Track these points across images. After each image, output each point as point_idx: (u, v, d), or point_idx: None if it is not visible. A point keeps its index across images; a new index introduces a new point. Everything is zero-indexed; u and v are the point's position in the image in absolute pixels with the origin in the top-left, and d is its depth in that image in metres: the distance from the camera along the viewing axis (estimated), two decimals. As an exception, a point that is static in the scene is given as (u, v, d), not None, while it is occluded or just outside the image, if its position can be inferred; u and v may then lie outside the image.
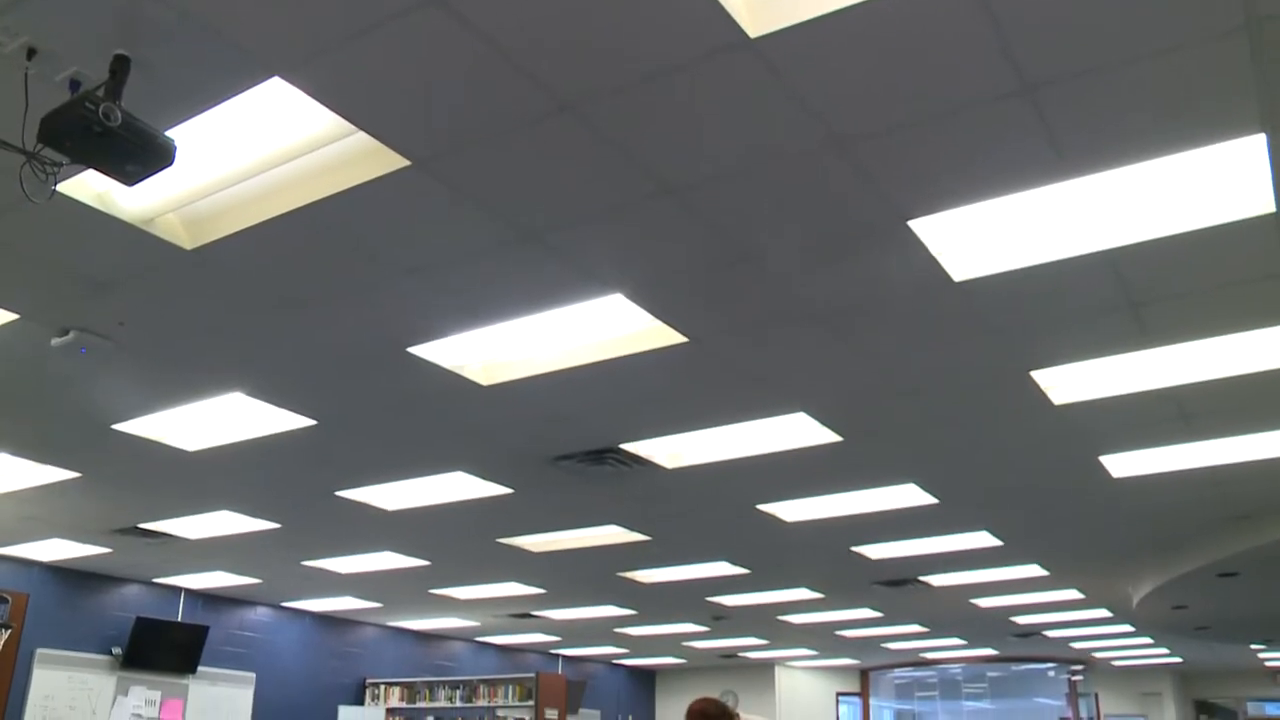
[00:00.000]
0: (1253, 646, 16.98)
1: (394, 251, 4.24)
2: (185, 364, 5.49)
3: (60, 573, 11.26)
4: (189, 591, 12.55)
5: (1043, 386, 5.60)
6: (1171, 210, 3.94)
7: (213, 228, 4.16)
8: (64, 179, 3.60)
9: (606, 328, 4.99)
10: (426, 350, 5.17)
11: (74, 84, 3.11)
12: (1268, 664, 19.82)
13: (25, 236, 4.20)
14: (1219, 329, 4.90)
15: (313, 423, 6.30)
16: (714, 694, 5.66)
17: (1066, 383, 5.64)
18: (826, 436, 6.35)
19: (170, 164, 3.10)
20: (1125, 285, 4.42)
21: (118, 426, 6.51)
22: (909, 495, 7.73)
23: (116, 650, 11.61)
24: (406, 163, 3.63)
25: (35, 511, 8.86)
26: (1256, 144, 3.49)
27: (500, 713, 13.40)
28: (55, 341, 5.09)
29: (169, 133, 3.12)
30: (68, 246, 4.27)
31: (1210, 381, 5.47)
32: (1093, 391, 5.70)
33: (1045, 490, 7.77)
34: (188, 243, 4.23)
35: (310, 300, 4.71)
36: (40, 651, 10.89)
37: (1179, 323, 4.81)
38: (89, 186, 3.90)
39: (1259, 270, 4.33)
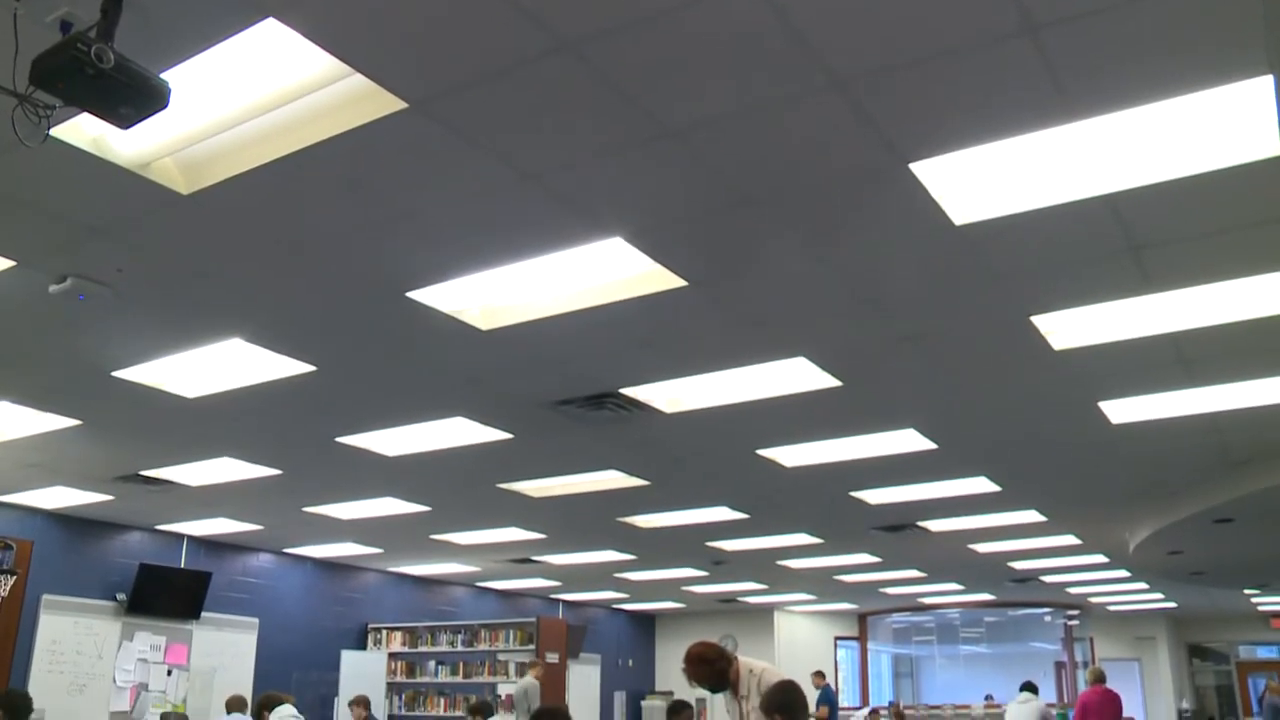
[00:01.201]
0: (1246, 591, 17.12)
1: (391, 195, 4.21)
2: (183, 310, 5.48)
3: (63, 520, 11.32)
4: (191, 538, 12.63)
5: (1043, 331, 5.59)
6: (1174, 154, 3.91)
7: (209, 172, 4.13)
8: (58, 123, 3.57)
9: (606, 271, 4.97)
10: (425, 295, 5.15)
11: (65, 25, 3.06)
12: (1260, 609, 19.99)
13: (19, 181, 4.17)
14: (1221, 274, 4.89)
15: (312, 369, 6.30)
16: (713, 638, 5.70)
17: (1067, 328, 5.63)
18: (826, 381, 6.35)
19: (164, 107, 3.06)
20: (1127, 229, 4.40)
21: (117, 374, 6.51)
22: (908, 440, 7.75)
23: (121, 596, 11.72)
24: (403, 104, 3.59)
25: (37, 459, 8.89)
26: (1263, 86, 3.45)
27: (501, 657, 13.55)
28: (53, 288, 5.07)
29: (163, 75, 3.08)
30: (63, 192, 4.24)
31: (1211, 327, 5.47)
32: (1093, 337, 5.69)
33: (1044, 436, 7.80)
34: (184, 187, 4.20)
35: (308, 245, 4.69)
36: (46, 598, 10.99)
37: (1180, 267, 4.80)
38: (83, 131, 3.86)
39: (1262, 214, 4.31)
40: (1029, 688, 11.92)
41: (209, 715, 11.78)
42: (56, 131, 3.67)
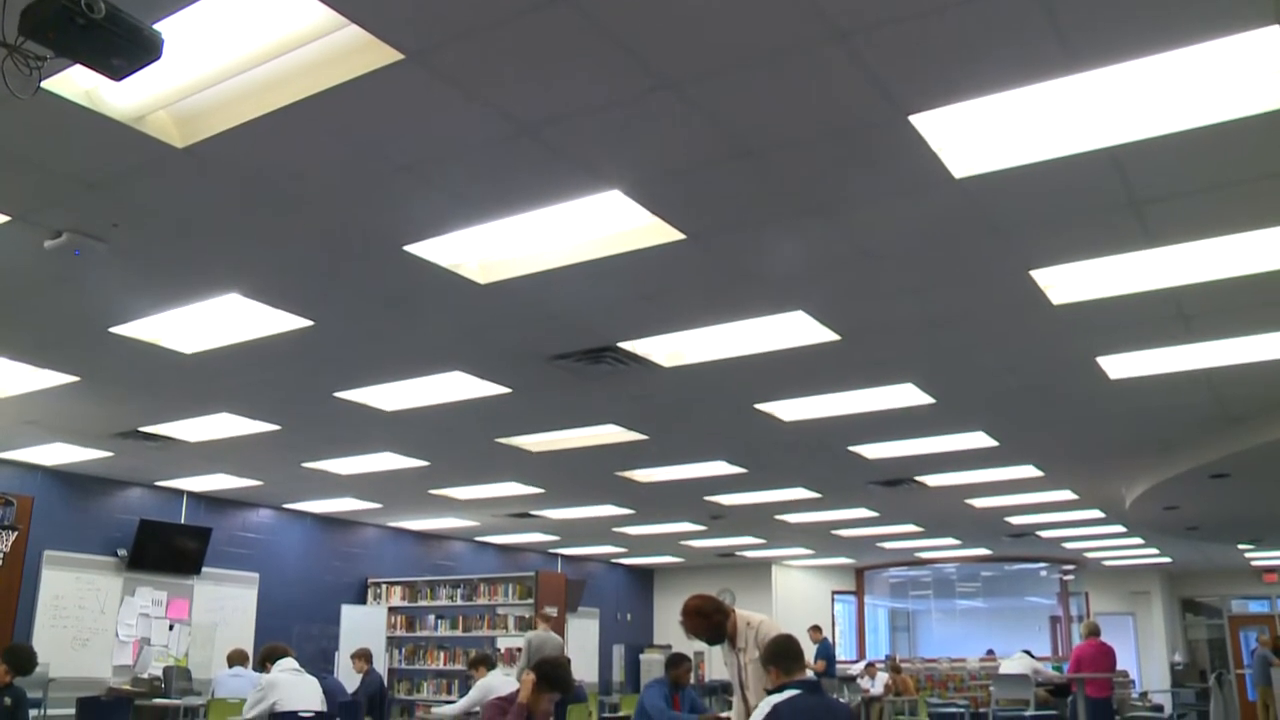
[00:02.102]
0: (1240, 546, 17.22)
1: (388, 147, 4.19)
2: (180, 265, 5.46)
3: (63, 476, 11.35)
4: (191, 494, 12.68)
5: (1042, 286, 5.58)
6: (1177, 106, 3.87)
7: (204, 125, 4.10)
8: (50, 75, 3.52)
9: (604, 224, 4.95)
10: (423, 248, 5.13)
11: (56, -27, 3.02)
12: (1253, 564, 20.13)
13: (12, 135, 4.13)
14: (1222, 229, 4.87)
15: (309, 323, 6.29)
16: (711, 592, 5.73)
17: (1066, 282, 5.62)
18: (825, 335, 6.34)
19: (157, 58, 3.03)
20: (1128, 183, 4.37)
21: (115, 329, 6.50)
22: (906, 395, 7.76)
23: (122, 552, 11.78)
24: (399, 56, 3.56)
25: (36, 415, 8.90)
26: (1270, 36, 3.41)
27: (500, 611, 13.63)
28: (48, 244, 5.04)
29: (156, 26, 3.04)
30: (56, 145, 4.21)
31: (1211, 282, 5.45)
32: (1092, 291, 5.68)
33: (1042, 391, 7.80)
34: (179, 141, 4.16)
35: (304, 199, 4.66)
36: (48, 553, 11.06)
37: (1182, 222, 4.78)
38: (76, 84, 3.82)
39: (1266, 168, 4.28)
40: (1025, 652, 12.05)
41: (211, 669, 11.86)
42: (48, 84, 3.63)
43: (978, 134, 4.18)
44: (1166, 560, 20.00)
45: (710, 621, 5.38)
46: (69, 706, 9.48)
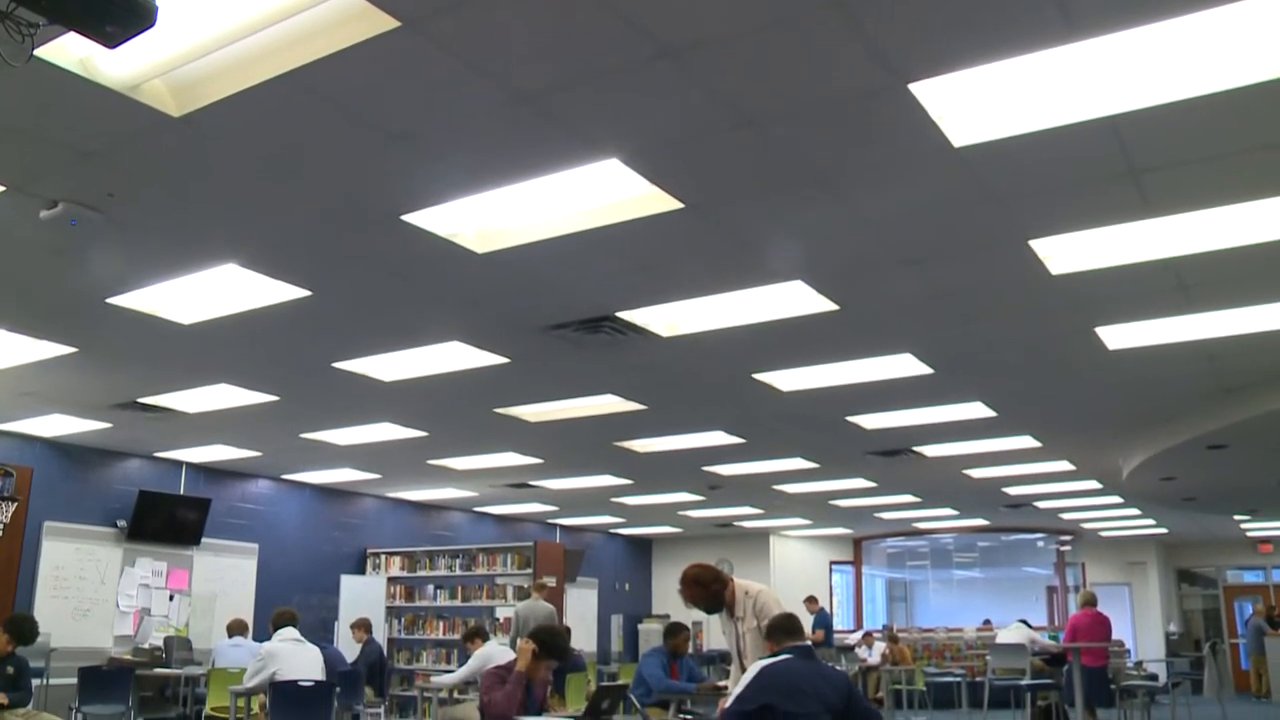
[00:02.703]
0: (1236, 517, 17.28)
1: (385, 116, 4.16)
2: (177, 235, 5.44)
3: (62, 448, 11.37)
4: (190, 465, 12.71)
5: (1041, 256, 5.57)
6: (1178, 75, 3.85)
7: (200, 94, 4.07)
8: (43, 42, 3.51)
9: (602, 194, 4.93)
10: (420, 218, 5.12)
11: (48, -62, 3.00)
12: (1249, 534, 20.22)
13: (4, 104, 4.10)
14: (1222, 199, 4.86)
15: (307, 293, 6.28)
16: (710, 562, 5.75)
17: (1065, 252, 5.61)
18: (823, 305, 6.34)
19: (151, 25, 2.99)
20: (1128, 153, 4.36)
21: (112, 300, 6.49)
22: (904, 365, 7.76)
23: (121, 523, 11.82)
24: (396, 23, 3.53)
25: (34, 387, 8.90)
26: (1270, 4, 3.39)
27: (499, 580, 13.68)
28: (44, 214, 5.03)
29: (150, -9, 3.02)
30: (50, 114, 4.19)
31: (1210, 252, 5.44)
32: (1091, 262, 5.67)
33: (1040, 361, 7.81)
34: (175, 110, 4.14)
35: (301, 168, 4.64)
36: (48, 524, 11.09)
37: (1181, 192, 4.77)
38: (69, 51, 3.79)
39: (1267, 138, 4.26)
40: (1022, 621, 12.12)
41: (211, 639, 11.93)
42: (41, 52, 3.61)
43: (977, 103, 4.16)
44: (1163, 531, 20.08)
45: (709, 590, 5.41)
46: (71, 676, 9.55)
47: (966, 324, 6.88)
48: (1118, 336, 7.04)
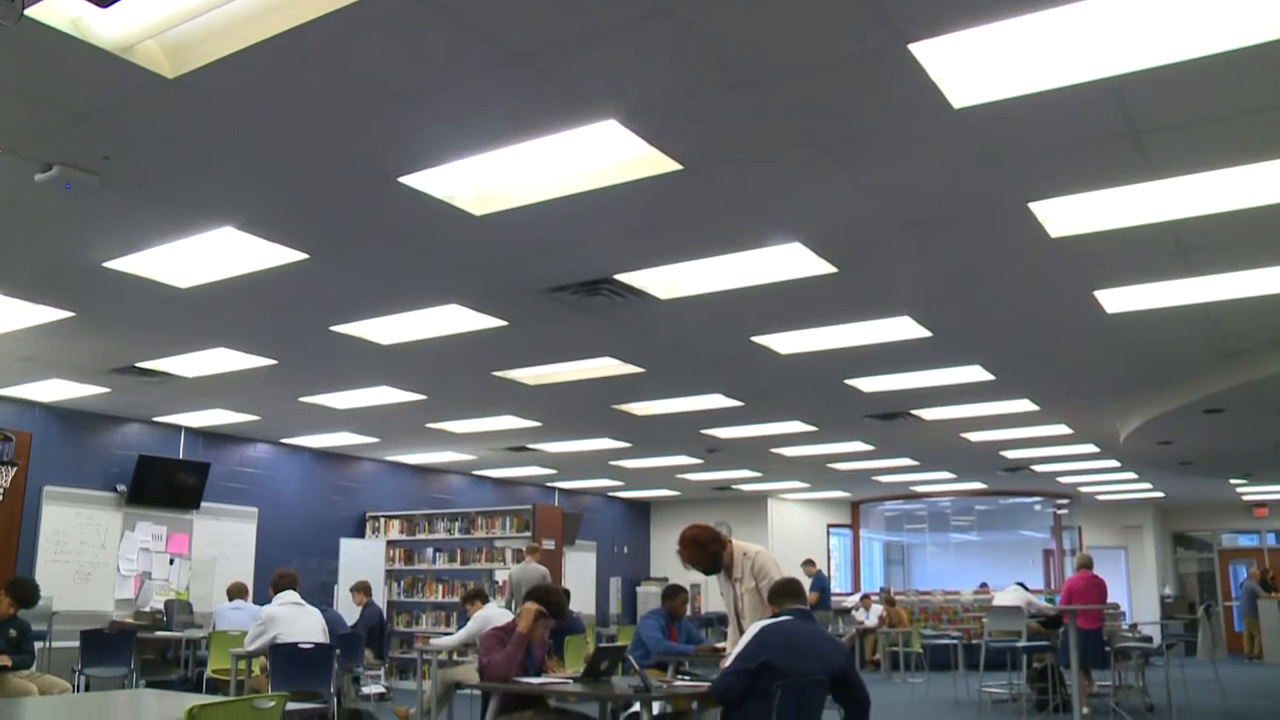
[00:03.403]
0: (1232, 481, 17.35)
1: (381, 77, 4.13)
2: (173, 198, 5.41)
3: (61, 413, 11.38)
4: (189, 429, 12.73)
5: (1040, 218, 5.55)
6: (1180, 35, 3.82)
7: (194, 55, 4.03)
8: (34, 2, 3.48)
9: (600, 156, 4.91)
10: (418, 180, 5.09)
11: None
12: (1245, 498, 20.31)
13: (-1, 64, 4.07)
14: (1223, 161, 4.83)
15: (304, 256, 6.26)
16: (708, 524, 5.76)
17: (1064, 215, 5.59)
18: (822, 267, 6.32)
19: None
20: (1129, 114, 4.33)
21: (109, 264, 6.47)
22: (903, 328, 7.75)
23: (121, 487, 11.85)
24: (391, -18, 3.50)
25: (32, 352, 8.89)
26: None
27: (498, 543, 13.74)
28: (39, 177, 5.00)
29: (143, -52, 2.99)
30: (42, 76, 4.15)
31: (1211, 215, 5.42)
32: (1091, 224, 5.66)
33: (1039, 325, 7.81)
34: (169, 71, 4.10)
35: (297, 129, 4.61)
36: (48, 489, 11.13)
37: (1183, 154, 4.74)
38: (61, 11, 3.75)
39: (1268, 99, 4.23)
40: (1019, 584, 12.17)
41: (211, 602, 11.99)
42: (32, 12, 3.58)
43: (978, 64, 4.13)
44: (1159, 495, 20.16)
45: (707, 551, 5.43)
46: (73, 639, 9.59)
47: (965, 287, 6.87)
48: (1117, 300, 7.03)
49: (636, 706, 4.92)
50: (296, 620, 7.85)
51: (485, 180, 5.26)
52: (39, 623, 9.05)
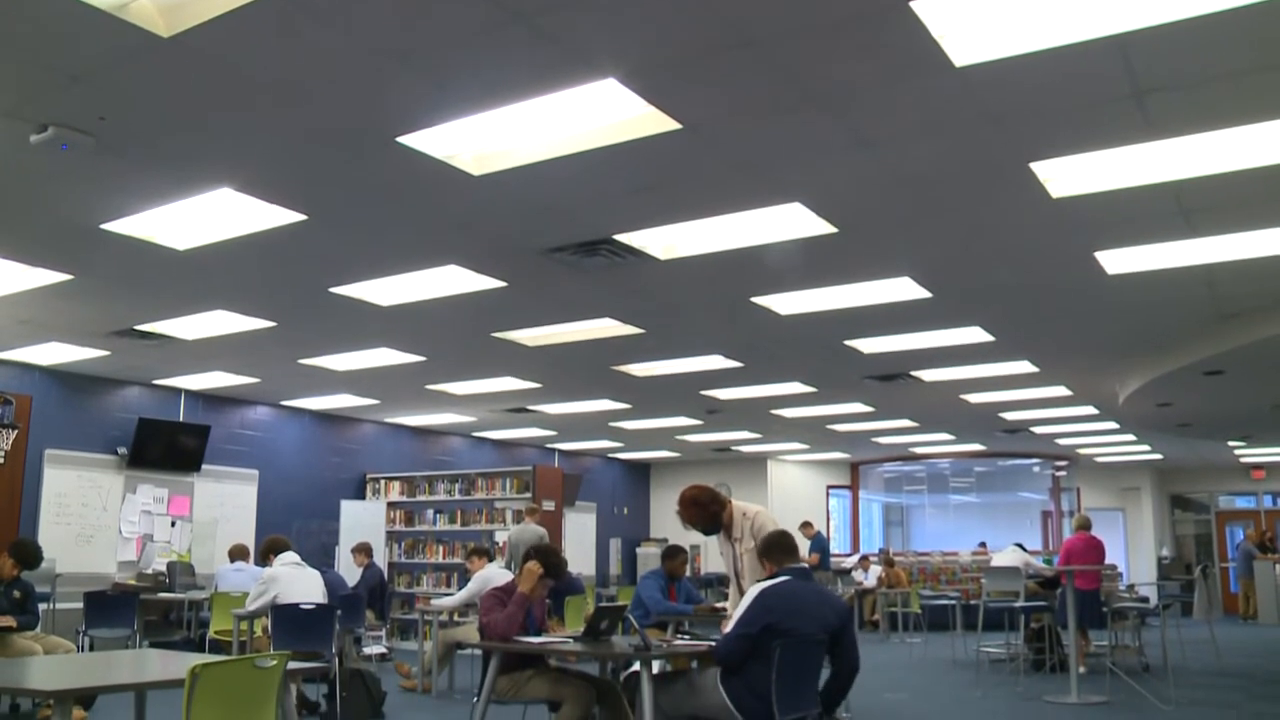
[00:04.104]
0: (1230, 443, 17.39)
1: (380, 35, 4.09)
2: (170, 159, 5.38)
3: (61, 376, 11.39)
4: (189, 392, 12.75)
5: (1041, 179, 5.52)
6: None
7: (190, 13, 4.00)
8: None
9: (600, 115, 4.87)
10: (416, 140, 5.06)
11: None
12: (1242, 460, 20.37)
13: (-7, 23, 4.03)
14: (1226, 120, 4.80)
15: (303, 217, 6.23)
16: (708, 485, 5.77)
17: (1066, 175, 5.56)
18: (822, 228, 6.30)
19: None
20: (1132, 72, 4.30)
21: (106, 226, 6.45)
22: (903, 289, 7.74)
23: (122, 450, 11.88)
24: (388, -62, 3.46)
25: (31, 315, 8.88)
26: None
27: (498, 505, 13.78)
28: (34, 138, 4.96)
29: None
30: (35, 35, 4.10)
31: (1213, 176, 5.39)
32: (1092, 185, 5.63)
33: (1039, 286, 7.79)
34: (164, 30, 4.07)
35: (294, 89, 4.57)
36: (49, 452, 11.16)
37: (1186, 113, 4.71)
38: (56, -31, 3.72)
39: (1273, 58, 4.20)
40: (1017, 545, 12.23)
41: (213, 564, 12.05)
42: (28, -32, 3.54)
43: (980, 21, 4.09)
44: (1157, 457, 20.22)
45: (707, 511, 5.45)
46: (76, 601, 9.65)
47: (966, 248, 6.85)
48: (1117, 261, 7.01)
49: (636, 665, 4.95)
50: (297, 581, 7.90)
51: (484, 140, 5.23)
52: (42, 584, 9.09)
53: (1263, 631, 17.09)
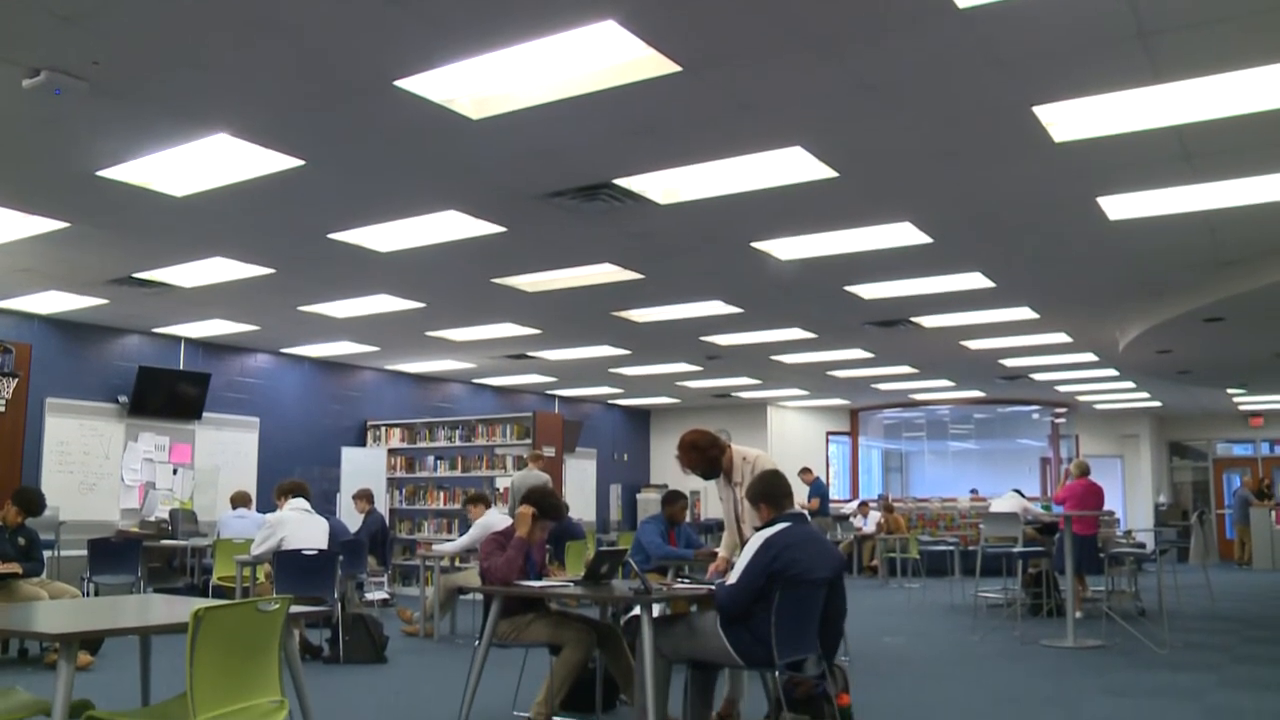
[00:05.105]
0: (1229, 391, 17.43)
1: (375, -24, 4.04)
2: (166, 104, 5.33)
3: (61, 325, 11.39)
4: (189, 340, 12.75)
5: (1044, 123, 5.48)
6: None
7: (183, -48, 3.95)
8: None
9: (599, 57, 4.81)
10: (414, 83, 5.00)
11: None
12: (1241, 408, 20.43)
13: (-16, -38, 3.98)
14: (1233, 63, 4.74)
15: (300, 163, 6.18)
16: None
17: (1069, 119, 5.50)
18: (823, 172, 6.25)
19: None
20: (1137, 12, 4.24)
21: (102, 173, 6.41)
22: (904, 234, 7.70)
23: (123, 399, 11.89)
24: (383, -125, 3.40)
25: (29, 264, 8.86)
26: None
27: (499, 451, 13.82)
28: (26, 83, 4.92)
29: None
30: (29, -27, 4.06)
31: (1217, 120, 5.35)
32: (1095, 129, 5.58)
33: (1041, 231, 7.76)
34: (157, -31, 4.02)
35: (290, 31, 4.51)
36: (50, 401, 11.19)
37: (1191, 55, 4.65)
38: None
39: (1279, -2, 4.15)
40: (1015, 491, 12.29)
41: (215, 511, 12.13)
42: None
43: (984, -40, 4.04)
44: (1156, 404, 20.27)
45: (705, 456, 5.46)
46: (81, 548, 9.72)
47: (967, 192, 6.81)
48: (1119, 207, 6.98)
49: (637, 610, 4.99)
50: (303, 526, 7.96)
51: (482, 83, 5.17)
52: (46, 532, 9.15)
53: (1256, 576, 17.24)
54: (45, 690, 3.47)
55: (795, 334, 12.24)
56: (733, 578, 4.60)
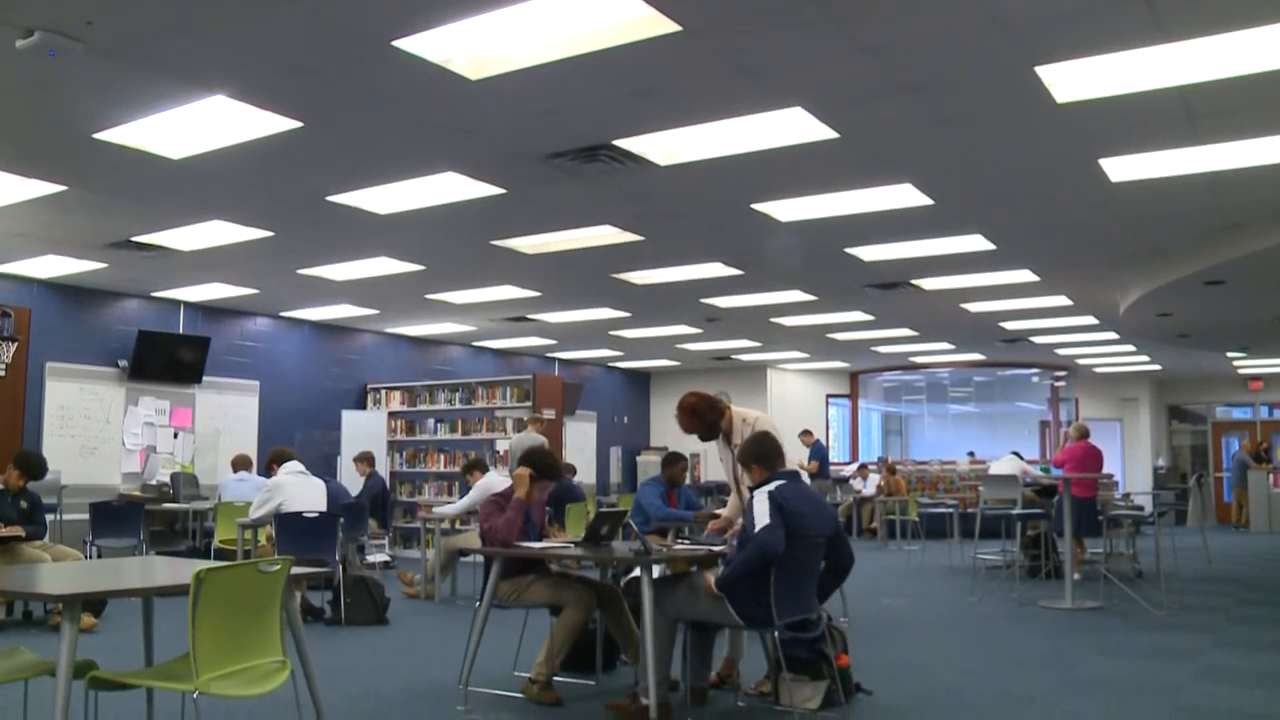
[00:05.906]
0: (1229, 354, 17.42)
1: (371, -66, 4.00)
2: (162, 65, 5.29)
3: (60, 289, 11.37)
4: (188, 304, 12.73)
5: (1046, 83, 5.44)
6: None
7: (177, -91, 3.90)
8: None
9: (598, 16, 4.78)
10: (412, 43, 4.96)
11: None
12: (1240, 371, 20.43)
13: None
14: (1238, 22, 4.70)
15: (298, 124, 6.15)
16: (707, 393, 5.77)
17: (1071, 80, 5.47)
18: (823, 133, 6.21)
19: None
20: (1142, -31, 4.21)
21: (99, 135, 6.37)
22: (904, 196, 7.67)
23: (123, 363, 11.90)
24: None
25: (26, 228, 8.83)
26: None
27: (499, 414, 13.84)
28: (20, 44, 4.87)
29: None
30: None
31: (1221, 80, 5.31)
32: (1098, 90, 5.54)
33: (1042, 193, 7.73)
34: (152, -73, 3.97)
35: (286, -10, 4.48)
36: (50, 365, 11.19)
37: (1196, 13, 4.61)
38: None
39: (1285, -48, 4.11)
40: (1014, 454, 12.32)
41: (216, 475, 12.16)
42: None
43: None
44: (1156, 368, 20.28)
45: (704, 420, 5.46)
46: (83, 512, 9.76)
47: (968, 154, 6.78)
48: (1121, 169, 6.94)
49: (637, 571, 5.00)
50: (302, 489, 8.00)
51: (482, 43, 5.13)
52: (48, 496, 9.17)
53: (1254, 540, 17.31)
54: (49, 651, 3.49)
55: (795, 296, 12.22)
56: (758, 522, 4.48)
